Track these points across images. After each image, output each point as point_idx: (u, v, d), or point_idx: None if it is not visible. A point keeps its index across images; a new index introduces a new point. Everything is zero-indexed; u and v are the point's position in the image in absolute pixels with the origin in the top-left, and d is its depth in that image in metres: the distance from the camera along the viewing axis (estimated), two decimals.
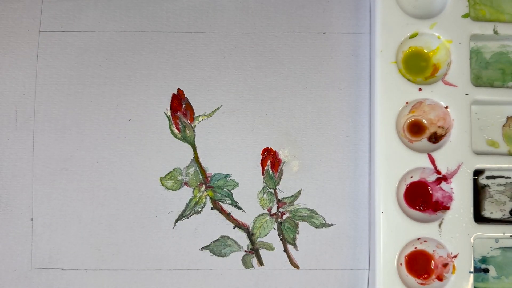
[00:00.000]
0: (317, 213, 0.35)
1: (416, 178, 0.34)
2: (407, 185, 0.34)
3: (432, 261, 0.33)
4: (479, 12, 0.36)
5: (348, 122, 0.35)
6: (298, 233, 0.34)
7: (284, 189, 0.35)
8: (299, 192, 0.35)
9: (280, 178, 0.35)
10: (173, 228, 0.34)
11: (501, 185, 0.35)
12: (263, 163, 0.35)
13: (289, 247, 0.34)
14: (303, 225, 0.35)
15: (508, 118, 0.35)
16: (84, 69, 0.35)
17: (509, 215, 0.35)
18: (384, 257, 0.32)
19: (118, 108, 0.35)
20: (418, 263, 0.33)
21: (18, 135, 0.35)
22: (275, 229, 0.35)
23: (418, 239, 0.33)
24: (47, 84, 0.35)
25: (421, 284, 0.33)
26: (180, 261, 0.34)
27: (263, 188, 0.35)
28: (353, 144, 0.35)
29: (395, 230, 0.32)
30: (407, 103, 0.33)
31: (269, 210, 0.35)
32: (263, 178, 0.35)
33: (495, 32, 0.34)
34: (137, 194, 0.35)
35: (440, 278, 0.33)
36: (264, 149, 0.35)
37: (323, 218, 0.35)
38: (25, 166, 0.35)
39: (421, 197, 0.34)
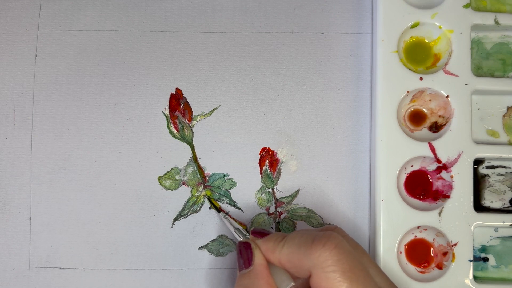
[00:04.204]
0: (315, 213, 0.35)
1: (416, 167, 0.34)
2: (408, 174, 0.34)
3: (432, 250, 0.33)
4: (480, 2, 0.36)
5: (346, 122, 0.35)
6: None
7: (282, 189, 0.35)
8: (297, 191, 0.35)
9: (278, 177, 0.35)
10: (171, 227, 0.34)
11: (501, 174, 0.35)
12: (261, 163, 0.35)
13: None
14: (301, 225, 0.35)
15: (508, 108, 0.36)
16: (82, 69, 0.35)
17: (509, 205, 0.35)
18: (384, 246, 0.32)
19: (116, 107, 0.35)
20: (418, 251, 0.33)
21: (16, 134, 0.35)
22: (273, 228, 0.35)
23: (418, 227, 0.33)
24: (45, 83, 0.35)
25: (421, 272, 0.33)
26: (178, 260, 0.34)
27: (261, 187, 0.35)
28: (351, 144, 0.35)
29: (395, 218, 0.33)
30: (408, 92, 0.34)
31: (267, 209, 0.35)
32: (261, 178, 0.35)
33: (496, 22, 0.34)
34: (135, 193, 0.35)
35: (439, 267, 0.33)
36: (262, 148, 0.35)
37: (321, 218, 0.35)
38: (23, 165, 0.35)
39: (421, 186, 0.34)
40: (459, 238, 0.33)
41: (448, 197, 0.33)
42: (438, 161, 0.33)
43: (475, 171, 0.35)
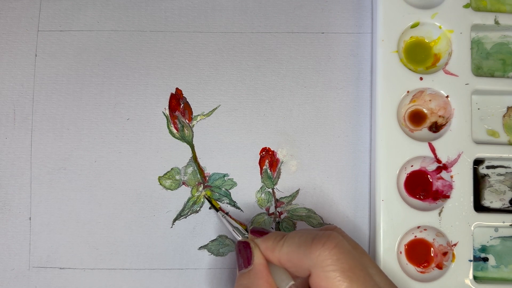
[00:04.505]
0: (315, 213, 0.35)
1: (416, 167, 0.34)
2: (407, 174, 0.34)
3: (432, 250, 0.33)
4: (480, 2, 0.36)
5: (346, 122, 0.35)
6: None
7: (282, 189, 0.35)
8: (297, 191, 0.35)
9: (278, 177, 0.35)
10: (171, 227, 0.34)
11: (501, 174, 0.35)
12: (261, 163, 0.35)
13: None
14: (301, 225, 0.35)
15: (508, 108, 0.36)
16: (82, 69, 0.35)
17: (509, 205, 0.35)
18: (384, 246, 0.32)
19: (117, 107, 0.35)
20: (418, 251, 0.33)
21: (16, 134, 0.35)
22: (273, 228, 0.35)
23: (418, 227, 0.33)
24: (45, 83, 0.35)
25: (421, 272, 0.33)
26: (178, 260, 0.34)
27: (261, 187, 0.35)
28: (351, 144, 0.35)
29: (395, 218, 0.33)
30: (408, 92, 0.34)
31: (267, 209, 0.35)
32: (261, 178, 0.35)
33: (496, 22, 0.34)
34: (135, 193, 0.35)
35: (439, 267, 0.33)
36: (262, 148, 0.35)
37: (321, 218, 0.35)
38: (23, 165, 0.35)
39: (421, 186, 0.34)
40: (459, 238, 0.33)
41: (448, 197, 0.33)
42: (438, 161, 0.33)
43: (475, 171, 0.35)
